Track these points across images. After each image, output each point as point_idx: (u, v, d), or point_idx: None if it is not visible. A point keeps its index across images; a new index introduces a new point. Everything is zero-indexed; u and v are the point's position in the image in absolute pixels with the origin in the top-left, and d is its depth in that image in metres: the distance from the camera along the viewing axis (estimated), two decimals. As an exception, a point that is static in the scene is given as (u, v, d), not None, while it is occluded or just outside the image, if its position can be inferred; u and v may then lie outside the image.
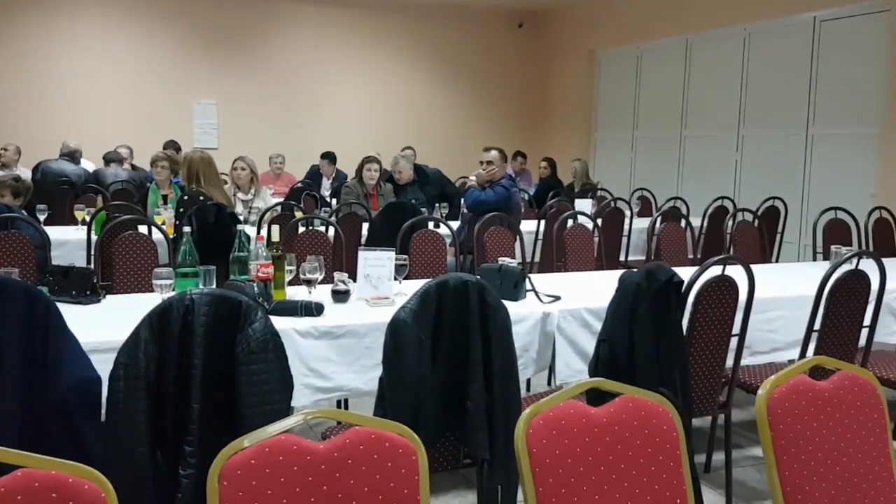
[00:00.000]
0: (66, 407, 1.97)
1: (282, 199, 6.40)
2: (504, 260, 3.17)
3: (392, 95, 10.75)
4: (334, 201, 7.11)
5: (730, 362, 2.90)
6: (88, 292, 2.83)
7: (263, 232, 4.17)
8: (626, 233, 5.90)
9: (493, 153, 5.03)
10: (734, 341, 2.86)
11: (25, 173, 6.91)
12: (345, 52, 10.47)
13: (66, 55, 9.10)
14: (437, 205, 5.61)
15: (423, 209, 5.05)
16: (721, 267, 2.77)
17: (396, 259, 3.03)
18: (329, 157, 8.64)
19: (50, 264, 3.53)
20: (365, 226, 5.08)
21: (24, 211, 4.48)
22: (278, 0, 9.92)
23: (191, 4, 9.56)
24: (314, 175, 8.61)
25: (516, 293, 2.99)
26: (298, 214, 5.37)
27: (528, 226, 5.35)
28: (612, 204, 6.19)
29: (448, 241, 4.44)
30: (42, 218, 5.21)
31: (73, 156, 7.82)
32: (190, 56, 9.67)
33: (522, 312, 2.83)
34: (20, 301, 2.00)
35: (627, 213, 6.19)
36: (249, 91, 9.95)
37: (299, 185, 7.59)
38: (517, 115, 11.38)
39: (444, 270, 4.11)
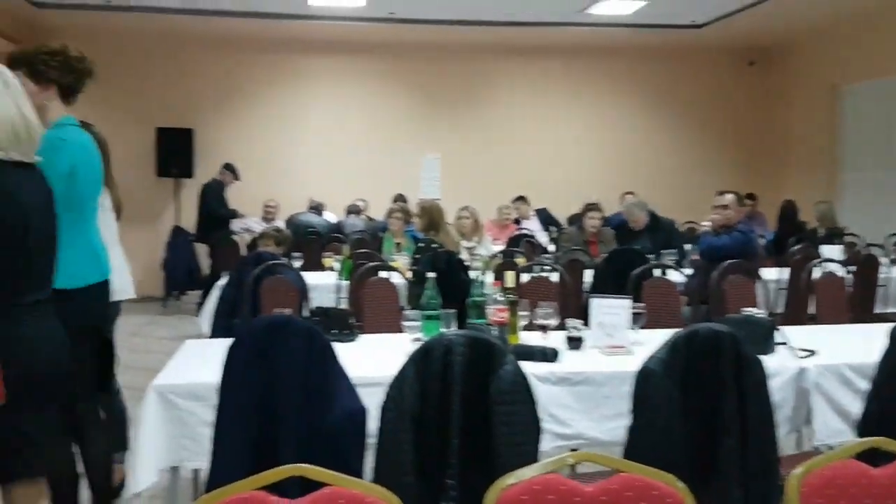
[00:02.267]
0: (337, 434, 2.17)
1: (503, 246, 6.60)
2: (749, 310, 3.02)
3: (612, 141, 10.72)
4: (551, 247, 7.20)
5: None
6: (347, 331, 3.11)
7: (490, 277, 4.32)
8: (880, 282, 5.35)
9: (729, 197, 4.83)
10: None
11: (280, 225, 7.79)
12: (562, 101, 10.65)
13: (307, 118, 10.14)
14: (662, 251, 5.46)
15: (650, 256, 4.95)
16: None
17: (633, 307, 3.00)
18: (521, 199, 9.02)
19: (308, 306, 3.93)
20: (587, 272, 5.08)
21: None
22: (498, 56, 10.35)
23: (416, 67, 10.28)
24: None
25: (765, 346, 2.82)
26: (521, 261, 5.51)
27: (766, 273, 5.04)
28: (865, 250, 5.64)
29: (679, 289, 4.30)
30: (297, 265, 5.80)
31: (318, 209, 8.68)
32: (416, 114, 10.37)
33: (773, 367, 2.65)
34: (301, 338, 2.26)
35: (883, 259, 5.61)
36: (470, 145, 10.42)
37: (522, 231, 7.78)
38: (746, 156, 10.82)
39: (679, 320, 3.98)
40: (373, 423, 2.20)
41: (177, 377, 2.59)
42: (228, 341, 2.29)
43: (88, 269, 2.70)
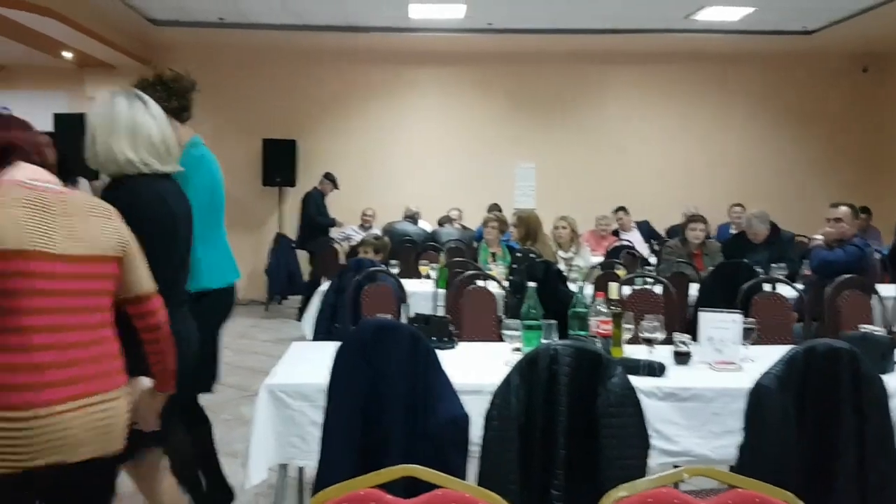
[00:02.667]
0: (440, 439, 2.20)
1: (602, 258, 6.50)
2: (866, 328, 2.86)
3: (716, 150, 10.38)
4: (652, 259, 7.03)
5: None
6: (446, 339, 3.15)
7: (589, 288, 4.26)
8: None
9: (843, 209, 4.60)
10: None
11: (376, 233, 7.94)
12: (664, 110, 10.41)
13: (405, 128, 10.31)
14: (772, 265, 5.25)
15: (759, 270, 4.76)
16: None
17: (743, 322, 2.90)
18: (623, 209, 8.96)
19: (407, 313, 3.99)
20: (692, 286, 4.94)
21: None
22: (597, 64, 10.23)
23: (513, 76, 10.28)
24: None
25: (884, 365, 2.67)
26: (621, 273, 5.41)
27: (882, 290, 4.75)
28: None
29: (791, 304, 4.12)
30: (395, 272, 5.90)
31: (413, 217, 8.81)
32: (512, 124, 10.36)
33: (893, 386, 2.51)
34: (406, 343, 2.30)
35: None
36: (567, 154, 10.33)
37: (622, 242, 7.65)
38: (859, 167, 10.26)
39: (790, 337, 3.81)
40: (474, 431, 2.22)
41: (286, 377, 2.68)
42: (335, 344, 2.36)
43: (228, 270, 2.98)
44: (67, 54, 8.80)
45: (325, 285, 5.23)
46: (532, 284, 3.13)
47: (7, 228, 1.58)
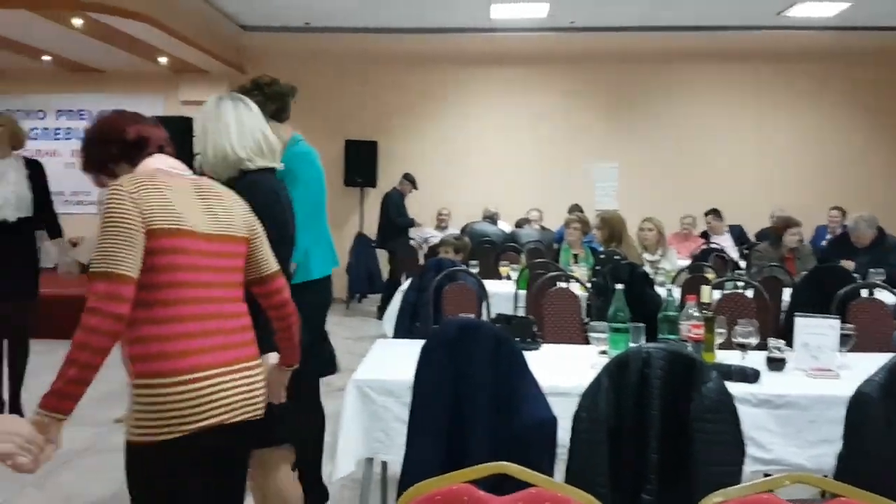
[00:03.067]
0: (526, 441, 2.19)
1: (689, 261, 6.34)
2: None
3: (809, 151, 9.99)
4: (742, 263, 6.82)
5: None
6: (529, 340, 3.13)
7: (677, 292, 4.16)
8: None
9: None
10: None
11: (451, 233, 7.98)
12: (754, 108, 10.08)
13: (485, 129, 10.32)
14: (870, 270, 5.00)
15: (856, 275, 4.55)
16: None
17: (841, 328, 2.77)
18: (715, 212, 8.71)
19: (488, 313, 3.99)
20: (785, 291, 4.76)
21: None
22: (682, 62, 9.99)
23: (595, 75, 10.14)
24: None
25: None
26: (710, 276, 5.27)
27: None
28: None
29: (890, 311, 3.92)
30: (474, 272, 5.91)
31: (492, 218, 8.81)
32: (593, 123, 10.23)
33: None
34: (490, 343, 2.31)
35: None
36: (650, 154, 10.13)
37: (711, 246, 7.45)
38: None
39: (888, 344, 3.62)
40: (560, 434, 2.21)
41: (372, 373, 2.72)
42: (418, 342, 2.39)
43: (331, 260, 3.14)
44: (163, 60, 9.20)
45: (405, 284, 5.29)
46: (619, 286, 3.08)
47: (158, 210, 1.73)
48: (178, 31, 7.95)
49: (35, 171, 4.34)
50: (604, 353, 2.88)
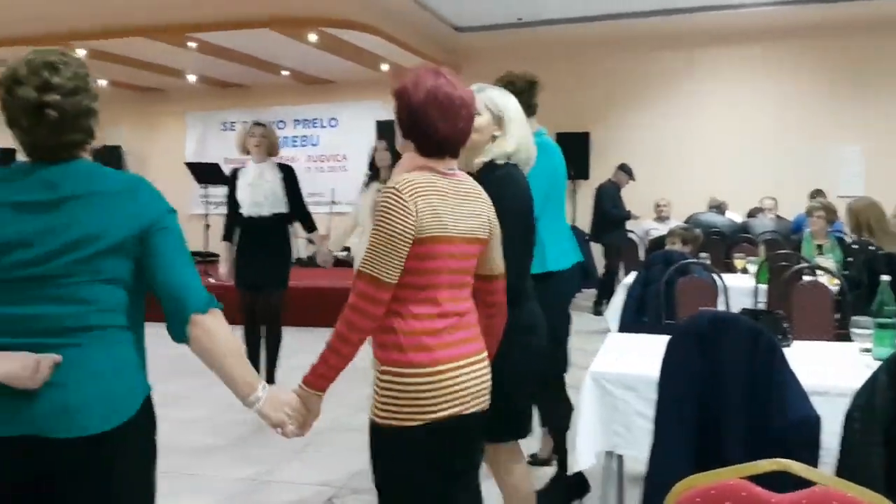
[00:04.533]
0: (787, 441, 2.03)
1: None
2: None
3: None
4: None
5: None
6: (780, 336, 2.90)
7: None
8: None
9: None
10: None
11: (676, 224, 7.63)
12: None
13: (704, 113, 9.75)
14: None
15: None
16: None
17: None
18: None
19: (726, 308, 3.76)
20: None
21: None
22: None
23: (829, 50, 9.19)
24: None
25: None
26: None
27: None
28: None
29: None
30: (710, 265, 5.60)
31: (720, 208, 8.32)
32: (830, 102, 9.30)
33: None
34: (745, 336, 2.16)
35: None
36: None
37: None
38: None
39: None
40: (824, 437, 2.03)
41: (609, 366, 2.67)
42: (652, 336, 2.31)
43: (570, 252, 3.15)
44: (384, 66, 9.76)
45: (628, 278, 5.15)
46: (886, 278, 2.76)
47: (429, 218, 1.79)
48: (399, 39, 8.39)
49: (288, 174, 4.79)
50: (867, 350, 2.64)
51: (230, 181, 4.86)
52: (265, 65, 9.74)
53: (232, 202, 4.76)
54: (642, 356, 2.62)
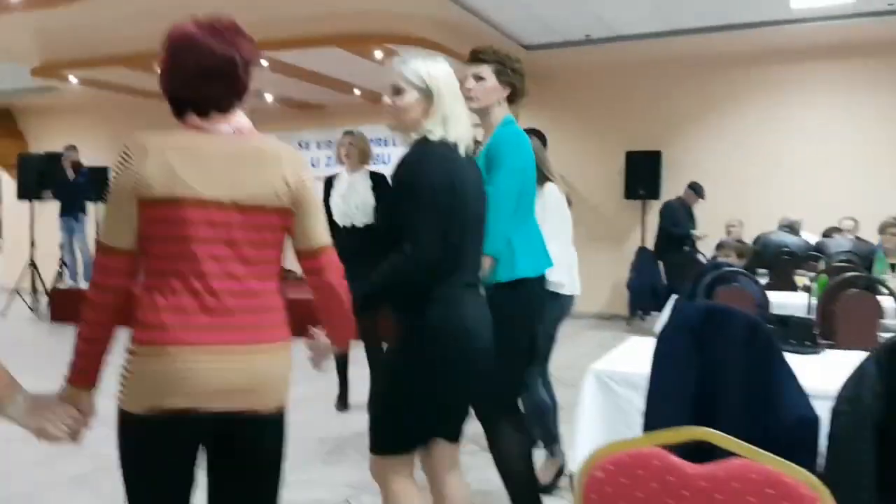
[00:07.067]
0: (783, 440, 1.89)
1: None
2: None
3: None
4: None
5: None
6: (808, 342, 2.73)
7: None
8: None
9: None
10: None
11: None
12: None
13: (780, 131, 9.30)
14: None
15: None
16: None
17: None
18: None
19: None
20: None
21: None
22: None
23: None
24: None
25: None
26: None
27: None
28: None
29: None
30: (762, 282, 5.35)
31: (792, 227, 7.94)
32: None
33: None
34: (742, 331, 2.04)
35: None
36: None
37: None
38: None
39: None
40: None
41: (614, 365, 2.58)
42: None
43: (541, 259, 2.71)
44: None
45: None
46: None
47: (159, 175, 1.57)
48: (465, 56, 8.45)
49: (379, 183, 4.69)
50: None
51: (324, 187, 4.81)
52: (337, 83, 10.00)
53: (327, 209, 4.66)
54: (649, 355, 2.51)
